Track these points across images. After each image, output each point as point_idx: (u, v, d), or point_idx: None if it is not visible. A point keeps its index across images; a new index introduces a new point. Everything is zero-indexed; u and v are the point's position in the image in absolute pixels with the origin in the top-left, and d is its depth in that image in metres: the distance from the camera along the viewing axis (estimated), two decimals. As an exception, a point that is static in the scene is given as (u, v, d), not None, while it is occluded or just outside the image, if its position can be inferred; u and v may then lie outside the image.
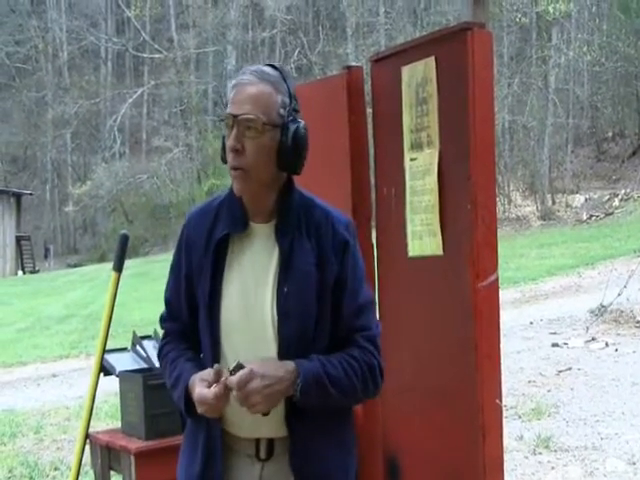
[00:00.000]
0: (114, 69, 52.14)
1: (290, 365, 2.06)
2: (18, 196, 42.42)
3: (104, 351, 3.39)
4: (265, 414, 2.07)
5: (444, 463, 3.12)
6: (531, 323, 12.01)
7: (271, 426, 2.14)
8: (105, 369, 3.44)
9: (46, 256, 44.13)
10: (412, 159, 3.26)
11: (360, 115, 3.48)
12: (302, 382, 2.05)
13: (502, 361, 8.54)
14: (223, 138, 2.16)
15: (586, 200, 30.03)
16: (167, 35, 45.64)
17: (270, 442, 2.16)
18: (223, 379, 2.00)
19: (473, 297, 2.93)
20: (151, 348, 3.58)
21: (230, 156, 2.11)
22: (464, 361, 2.99)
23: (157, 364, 3.45)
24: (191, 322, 2.24)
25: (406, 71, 3.27)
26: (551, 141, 31.82)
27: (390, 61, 3.42)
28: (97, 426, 6.19)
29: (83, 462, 3.44)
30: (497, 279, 2.98)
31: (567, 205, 30.15)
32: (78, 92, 45.81)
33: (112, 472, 3.38)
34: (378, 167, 3.51)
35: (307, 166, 2.22)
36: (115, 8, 49.63)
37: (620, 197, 29.33)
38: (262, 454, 2.16)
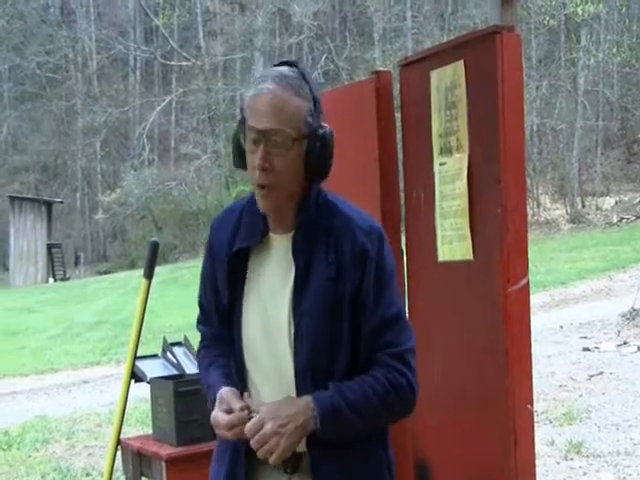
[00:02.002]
0: (142, 77, 52.42)
1: (304, 399, 1.99)
2: (49, 204, 42.79)
3: (135, 358, 3.41)
4: (290, 462, 2.05)
5: (475, 469, 3.11)
6: (561, 327, 11.90)
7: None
8: (136, 376, 3.45)
9: (76, 263, 44.42)
10: (441, 164, 3.25)
11: (389, 120, 3.48)
12: (319, 414, 1.97)
13: (533, 366, 8.46)
14: (237, 142, 2.07)
15: (616, 203, 29.76)
16: (195, 43, 45.81)
17: (298, 456, 2.08)
18: (241, 414, 1.99)
19: (504, 301, 2.92)
20: (181, 354, 3.60)
21: (257, 174, 2.00)
22: (495, 366, 2.98)
23: (187, 370, 3.48)
24: (221, 327, 2.19)
25: (435, 75, 3.27)
26: (580, 143, 31.57)
27: (419, 65, 3.42)
28: (128, 432, 6.22)
29: (115, 468, 3.46)
30: (528, 283, 2.97)
31: (597, 208, 29.89)
32: (107, 100, 46.12)
33: (143, 478, 3.40)
34: (407, 172, 3.50)
35: (336, 172, 2.16)
36: (143, 17, 49.91)
37: (651, 199, 29.07)
38: (289, 468, 2.10)
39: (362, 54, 37.91)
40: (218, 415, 2.01)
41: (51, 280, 39.08)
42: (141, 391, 4.53)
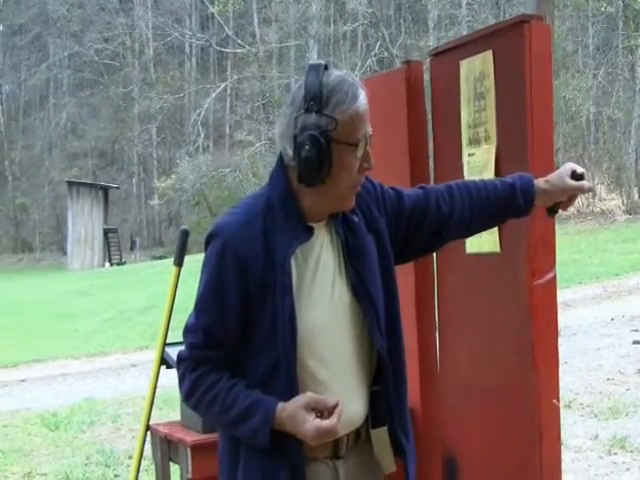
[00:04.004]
0: (198, 64, 52.76)
1: None
2: (106, 189, 43.39)
3: (165, 344, 3.45)
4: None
5: (502, 463, 3.09)
6: (612, 319, 11.74)
7: (351, 420, 2.13)
8: (166, 362, 3.49)
9: (132, 248, 45.01)
10: (470, 154, 3.23)
11: (419, 111, 3.46)
12: None
13: (581, 358, 8.41)
14: (318, 156, 2.02)
15: (674, 193, 29.22)
16: (250, 30, 45.95)
17: (347, 438, 2.14)
18: (339, 408, 1.99)
19: (529, 295, 2.90)
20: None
21: (364, 175, 2.13)
22: (521, 360, 2.95)
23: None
24: (234, 348, 2.10)
25: (464, 65, 3.24)
26: (638, 133, 30.99)
27: (449, 55, 3.39)
28: (172, 416, 6.26)
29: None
30: (554, 277, 2.93)
31: (655, 199, 29.37)
32: (163, 87, 46.50)
33: (171, 463, 3.44)
34: (437, 162, 3.48)
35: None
36: (199, 4, 50.17)
37: None
38: (342, 451, 2.14)
39: (416, 42, 37.66)
40: (324, 423, 1.98)
41: (107, 264, 39.65)
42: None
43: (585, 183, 2.33)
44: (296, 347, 2.04)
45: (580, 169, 2.33)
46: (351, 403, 2.10)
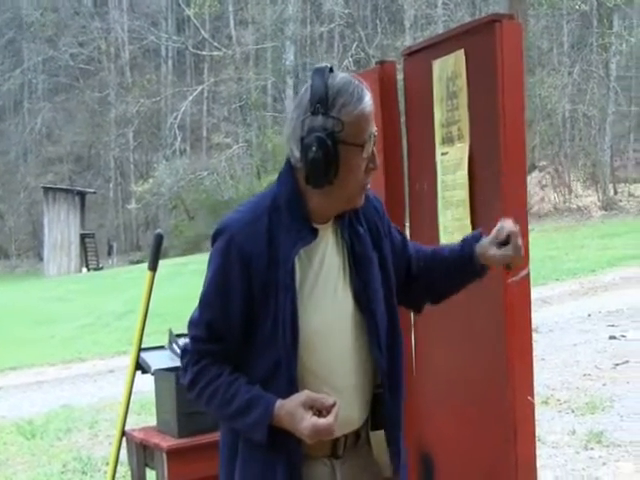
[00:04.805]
0: (174, 67, 52.59)
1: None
2: (82, 195, 43.14)
3: (140, 349, 3.43)
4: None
5: (477, 460, 3.10)
6: (589, 315, 11.80)
7: (350, 420, 2.14)
8: (141, 367, 3.47)
9: (109, 253, 44.79)
10: (443, 153, 3.23)
11: (392, 110, 3.47)
12: None
13: (558, 354, 8.43)
14: (325, 158, 2.04)
15: (650, 189, 29.46)
16: (226, 32, 45.87)
17: (345, 438, 2.15)
18: (336, 407, 1.99)
19: (503, 292, 2.90)
20: (187, 346, 3.60)
21: (370, 175, 2.16)
22: (495, 358, 2.96)
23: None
24: (237, 343, 2.13)
25: (437, 65, 3.25)
26: (613, 130, 31.24)
27: (421, 55, 3.40)
28: (150, 421, 6.25)
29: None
30: (528, 274, 2.94)
31: (630, 195, 29.58)
32: (139, 91, 46.29)
33: (148, 468, 3.42)
34: (410, 162, 3.49)
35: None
36: (175, 7, 50.01)
37: (685, 186, 28.72)
38: (340, 451, 2.16)
39: (393, 42, 37.70)
40: (320, 421, 1.98)
41: (84, 270, 39.44)
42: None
43: (512, 248, 2.25)
44: (297, 347, 2.06)
45: (507, 230, 2.24)
46: (350, 404, 2.12)
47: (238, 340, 2.11)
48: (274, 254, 2.07)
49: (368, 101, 2.08)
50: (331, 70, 2.10)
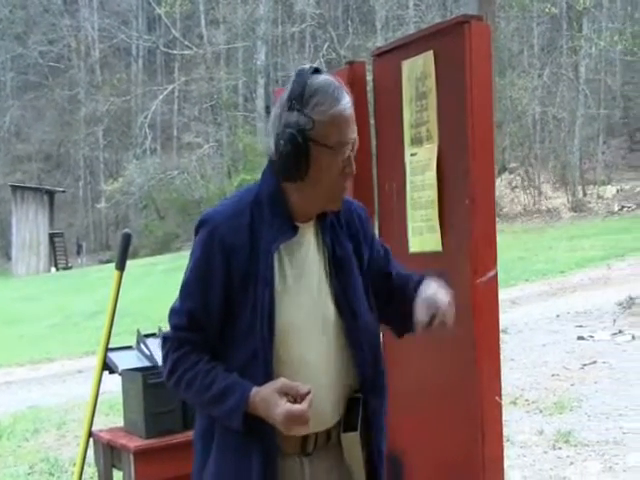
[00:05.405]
0: (145, 66, 52.31)
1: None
2: (51, 193, 42.80)
3: (107, 349, 3.40)
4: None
5: (446, 460, 3.10)
6: (558, 316, 11.89)
7: (320, 420, 2.14)
8: (109, 367, 3.45)
9: (79, 252, 44.42)
10: (412, 154, 3.24)
11: (362, 111, 3.45)
12: None
13: (527, 355, 8.47)
14: (294, 152, 2.08)
15: (618, 191, 29.73)
16: (197, 31, 45.70)
17: (316, 436, 2.16)
18: (310, 395, 2.00)
19: (472, 293, 2.91)
20: (155, 346, 3.57)
21: (348, 180, 2.15)
22: (464, 358, 2.97)
23: (160, 362, 3.46)
24: (216, 333, 2.15)
25: (406, 65, 3.25)
26: (582, 132, 31.51)
27: (391, 56, 3.40)
28: (119, 422, 6.22)
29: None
30: (496, 275, 2.95)
31: (598, 196, 29.86)
32: (110, 90, 45.98)
33: (115, 469, 3.40)
34: (380, 163, 3.49)
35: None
36: (146, 6, 49.69)
37: (653, 188, 29.01)
38: (309, 449, 2.17)
39: (364, 42, 37.76)
40: (294, 407, 2.00)
41: (53, 269, 39.15)
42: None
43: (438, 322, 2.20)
44: (273, 340, 2.09)
45: (431, 307, 2.19)
46: (322, 402, 2.11)
47: (217, 329, 2.14)
48: (255, 247, 2.11)
49: (345, 104, 2.09)
50: (318, 71, 2.14)
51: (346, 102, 2.10)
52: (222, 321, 2.14)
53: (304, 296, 2.15)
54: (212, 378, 2.10)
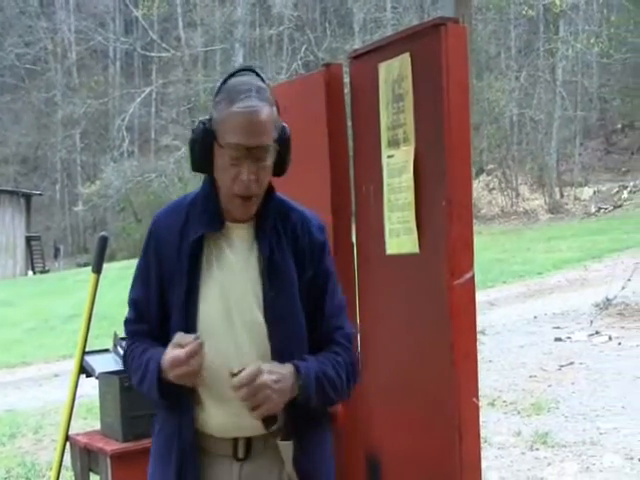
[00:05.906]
0: (122, 69, 52.14)
1: (289, 366, 2.07)
2: (28, 197, 42.51)
3: (84, 352, 3.39)
4: (269, 421, 2.07)
5: (423, 462, 3.10)
6: (535, 317, 11.96)
7: (249, 424, 2.10)
8: (86, 371, 3.43)
9: (56, 256, 44.19)
10: (389, 156, 3.24)
11: (339, 113, 3.46)
12: (304, 381, 2.06)
13: (505, 356, 8.54)
14: (205, 147, 2.11)
15: (595, 193, 29.93)
16: (175, 34, 45.58)
17: (248, 441, 2.15)
18: (197, 342, 1.99)
19: (449, 295, 2.91)
20: (132, 349, 3.56)
21: (240, 186, 2.07)
22: (441, 360, 2.97)
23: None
24: (159, 325, 2.20)
25: (383, 68, 3.25)
26: (559, 134, 31.71)
27: (368, 58, 3.39)
28: (96, 425, 6.18)
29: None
30: (473, 277, 2.95)
31: (575, 198, 30.06)
32: (87, 92, 45.83)
33: (92, 473, 3.38)
34: (357, 165, 3.48)
35: (287, 166, 2.24)
36: (123, 8, 49.54)
37: (629, 189, 29.25)
38: (240, 454, 2.15)
39: (342, 45, 37.82)
40: (175, 352, 2.01)
41: (30, 273, 38.88)
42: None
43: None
44: (193, 332, 2.09)
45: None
46: (243, 408, 2.04)
47: (158, 322, 2.20)
48: (183, 245, 2.16)
49: (243, 108, 2.05)
50: (255, 72, 2.17)
51: (246, 106, 2.04)
52: (161, 314, 2.19)
53: (223, 297, 2.14)
54: (140, 359, 2.16)
